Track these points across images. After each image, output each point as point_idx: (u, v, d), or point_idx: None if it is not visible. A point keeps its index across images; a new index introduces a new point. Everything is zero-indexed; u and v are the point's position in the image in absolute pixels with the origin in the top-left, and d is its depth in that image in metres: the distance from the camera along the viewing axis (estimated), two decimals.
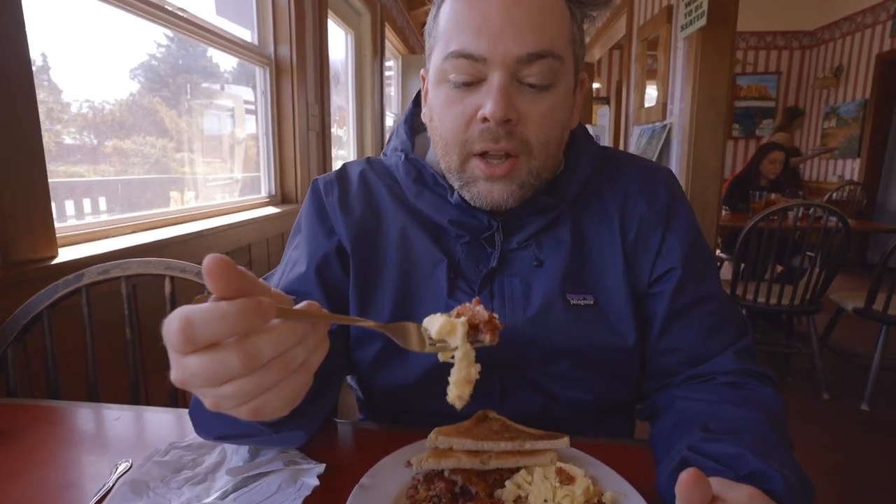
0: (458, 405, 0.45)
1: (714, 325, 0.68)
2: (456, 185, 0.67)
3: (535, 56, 0.59)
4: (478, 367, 0.45)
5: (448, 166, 0.66)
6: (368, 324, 0.44)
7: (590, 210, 0.72)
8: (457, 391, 0.45)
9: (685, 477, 0.38)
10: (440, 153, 0.67)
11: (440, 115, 0.64)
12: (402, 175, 0.72)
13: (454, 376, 0.45)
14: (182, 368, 0.33)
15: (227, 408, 0.36)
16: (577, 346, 0.68)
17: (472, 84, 0.61)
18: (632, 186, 0.73)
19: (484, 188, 0.64)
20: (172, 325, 0.32)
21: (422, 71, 0.71)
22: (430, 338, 0.45)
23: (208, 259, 0.32)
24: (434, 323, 0.46)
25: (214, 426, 0.57)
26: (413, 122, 0.76)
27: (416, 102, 0.77)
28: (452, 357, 0.45)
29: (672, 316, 0.69)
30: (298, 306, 0.38)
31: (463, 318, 0.46)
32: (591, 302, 0.68)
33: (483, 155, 0.63)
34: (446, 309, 0.67)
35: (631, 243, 0.70)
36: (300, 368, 0.37)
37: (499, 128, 0.60)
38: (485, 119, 0.60)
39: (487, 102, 0.59)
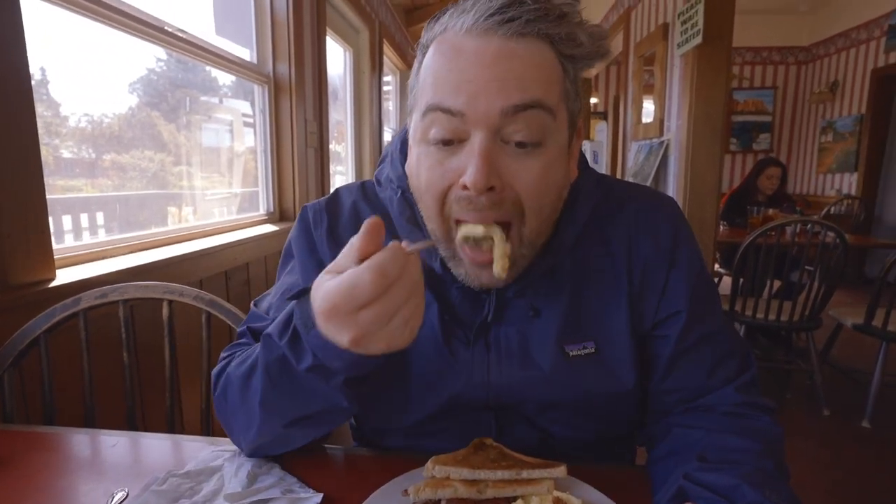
0: (503, 274, 0.55)
1: (716, 362, 0.67)
2: (443, 254, 0.63)
3: (522, 107, 0.53)
4: (509, 244, 0.56)
5: (433, 234, 0.62)
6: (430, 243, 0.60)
7: (591, 251, 0.68)
8: (500, 263, 0.55)
9: None
10: (424, 217, 0.62)
11: (419, 176, 0.59)
12: (395, 212, 0.68)
13: (497, 252, 0.55)
14: (359, 323, 0.44)
15: (398, 338, 0.45)
16: (575, 397, 0.66)
17: (452, 143, 0.55)
18: (636, 226, 0.69)
19: (472, 272, 0.60)
20: (365, 277, 0.42)
21: (407, 121, 0.66)
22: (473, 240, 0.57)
23: (372, 220, 0.45)
24: (475, 229, 0.56)
25: (292, 408, 0.58)
26: (406, 150, 0.70)
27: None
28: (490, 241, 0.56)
29: (676, 357, 0.67)
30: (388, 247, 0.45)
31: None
32: (592, 350, 0.65)
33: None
34: (438, 354, 0.66)
35: (637, 286, 0.67)
36: (420, 291, 0.46)
37: (480, 197, 0.54)
38: (465, 187, 0.54)
39: (468, 168, 0.53)
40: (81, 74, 1.37)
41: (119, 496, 0.60)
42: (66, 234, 1.35)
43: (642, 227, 0.68)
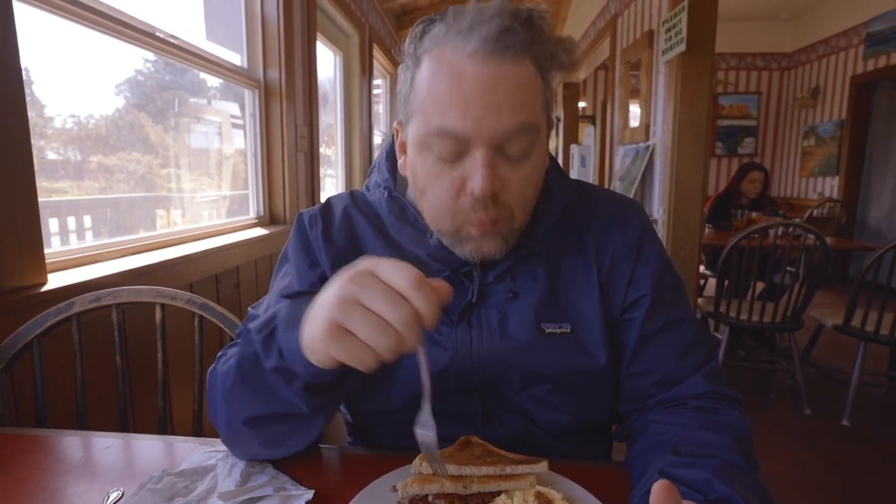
0: None
1: (684, 349, 0.72)
2: (446, 241, 0.69)
3: (517, 132, 0.60)
4: None
5: (439, 230, 0.68)
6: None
7: (566, 243, 0.75)
8: None
9: (657, 488, 0.40)
10: (429, 218, 0.69)
11: (426, 184, 0.66)
12: (384, 211, 0.74)
13: None
14: (346, 315, 0.46)
15: (361, 356, 0.47)
16: (553, 370, 0.71)
17: (455, 158, 0.63)
18: (607, 220, 0.76)
19: (477, 245, 0.66)
20: (379, 285, 0.46)
21: (395, 123, 0.72)
22: None
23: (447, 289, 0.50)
24: None
25: (253, 404, 0.60)
26: (394, 158, 0.77)
27: None
28: None
29: (643, 340, 0.72)
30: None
31: None
32: (568, 330, 0.71)
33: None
34: (427, 340, 0.70)
35: (605, 272, 0.74)
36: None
37: (486, 199, 0.62)
38: (473, 194, 0.61)
39: (475, 177, 0.60)
40: (67, 75, 1.37)
41: (114, 496, 0.62)
42: (52, 237, 1.34)
43: (611, 222, 0.76)
